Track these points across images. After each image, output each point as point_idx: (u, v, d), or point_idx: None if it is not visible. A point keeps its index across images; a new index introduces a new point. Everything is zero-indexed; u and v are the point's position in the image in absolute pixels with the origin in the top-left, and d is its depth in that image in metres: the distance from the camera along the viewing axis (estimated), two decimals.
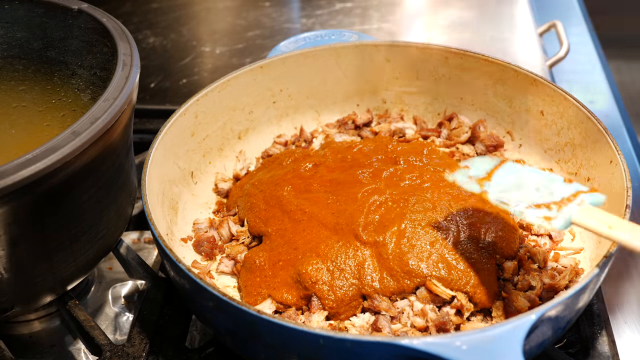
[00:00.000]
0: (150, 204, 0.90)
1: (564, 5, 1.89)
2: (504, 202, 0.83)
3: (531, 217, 0.80)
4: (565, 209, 0.79)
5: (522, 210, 0.81)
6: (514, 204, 0.82)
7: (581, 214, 0.78)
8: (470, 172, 0.89)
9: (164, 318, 0.98)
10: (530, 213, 0.81)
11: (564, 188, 0.82)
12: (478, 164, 0.90)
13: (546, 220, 0.79)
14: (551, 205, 0.80)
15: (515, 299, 0.87)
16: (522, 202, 0.82)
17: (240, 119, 1.19)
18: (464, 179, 0.88)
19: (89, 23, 0.99)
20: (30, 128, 1.00)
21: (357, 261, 0.91)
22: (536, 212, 0.80)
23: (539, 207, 0.80)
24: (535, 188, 0.83)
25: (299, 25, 1.78)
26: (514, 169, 0.88)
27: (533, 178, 0.85)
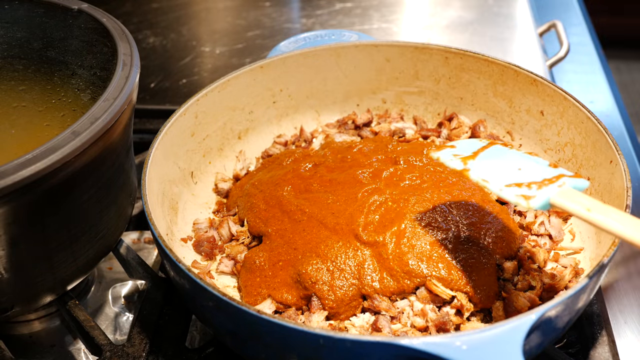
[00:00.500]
0: (150, 204, 0.90)
1: (564, 5, 1.89)
2: (483, 179, 0.82)
3: (509, 195, 0.79)
4: (545, 189, 0.77)
5: (501, 187, 0.80)
6: (494, 182, 0.81)
7: (561, 196, 0.77)
8: (456, 151, 0.88)
9: (164, 318, 0.98)
10: (508, 191, 0.79)
11: (548, 170, 0.81)
12: (465, 144, 0.89)
13: (524, 199, 0.77)
14: (531, 185, 0.79)
15: (515, 299, 0.87)
16: (501, 181, 0.81)
17: (240, 119, 1.19)
18: (447, 156, 0.87)
19: (89, 23, 0.99)
20: (30, 128, 1.00)
21: (357, 261, 0.91)
22: (515, 191, 0.79)
23: (519, 186, 0.79)
24: (518, 168, 0.82)
25: (299, 25, 1.78)
26: (500, 151, 0.86)
27: (518, 159, 0.84)
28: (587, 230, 0.98)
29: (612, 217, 0.73)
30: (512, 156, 0.85)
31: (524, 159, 0.84)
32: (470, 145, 0.89)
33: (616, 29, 3.68)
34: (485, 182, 0.81)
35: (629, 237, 0.70)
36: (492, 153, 0.87)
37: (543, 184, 0.78)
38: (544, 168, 0.81)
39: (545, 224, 1.00)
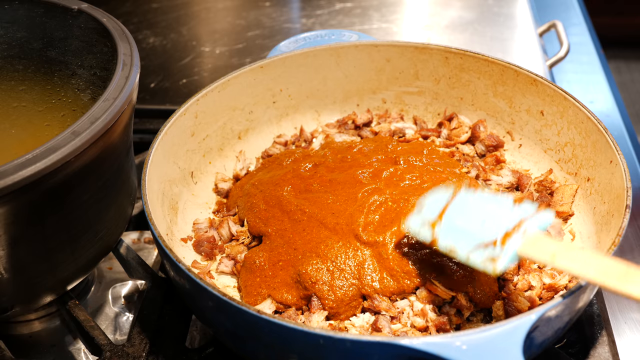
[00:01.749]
0: (150, 204, 0.90)
1: (564, 5, 1.89)
2: (450, 249, 0.82)
3: (476, 263, 0.79)
4: (509, 244, 0.78)
5: (467, 255, 0.80)
6: (460, 248, 0.81)
7: (525, 246, 0.77)
8: (424, 215, 0.87)
9: (164, 318, 0.98)
10: (475, 257, 0.80)
11: (511, 216, 0.80)
12: (431, 202, 0.88)
13: (491, 262, 0.78)
14: (495, 243, 0.78)
15: (515, 299, 0.87)
16: (467, 244, 0.81)
17: (240, 119, 1.19)
18: (417, 227, 0.87)
19: (89, 23, 0.99)
20: (30, 128, 1.00)
21: (357, 261, 0.91)
22: (481, 255, 0.79)
23: (485, 247, 0.79)
24: (482, 221, 0.81)
25: (299, 25, 1.78)
26: (464, 203, 0.86)
27: (482, 209, 0.83)
28: (587, 230, 0.98)
29: (577, 260, 0.72)
30: (476, 206, 0.84)
31: (487, 207, 0.83)
32: (436, 202, 0.87)
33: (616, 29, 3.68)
34: (452, 251, 0.82)
35: (593, 280, 0.70)
36: (456, 208, 0.85)
37: (506, 239, 0.78)
38: (507, 214, 0.81)
39: None
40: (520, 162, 1.15)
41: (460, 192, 0.87)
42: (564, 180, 1.07)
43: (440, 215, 0.85)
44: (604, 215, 0.94)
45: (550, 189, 1.06)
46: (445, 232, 0.84)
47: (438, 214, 0.86)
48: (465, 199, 0.86)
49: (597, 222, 0.96)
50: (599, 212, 0.96)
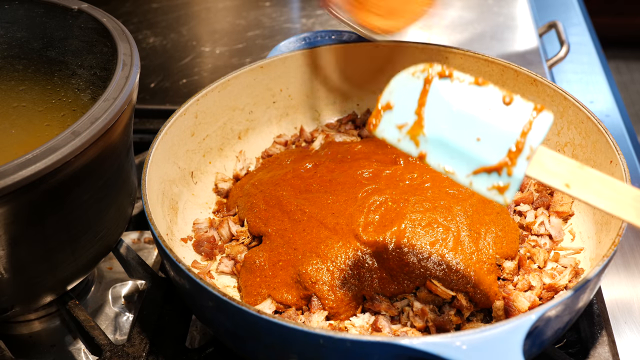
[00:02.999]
0: (150, 204, 0.90)
1: (564, 5, 1.89)
2: (446, 169, 0.73)
3: (481, 189, 0.71)
4: (516, 170, 0.69)
5: (471, 180, 0.71)
6: (459, 172, 0.72)
7: (535, 170, 0.69)
8: (396, 118, 0.75)
9: (164, 318, 0.98)
10: (479, 184, 0.71)
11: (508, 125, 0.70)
12: (401, 96, 0.75)
13: (499, 192, 0.70)
14: (501, 168, 0.70)
15: (515, 299, 0.87)
16: (467, 168, 0.71)
17: (240, 119, 1.19)
18: (393, 133, 0.75)
19: (89, 23, 0.99)
20: (30, 128, 1.00)
21: (357, 261, 0.91)
22: (486, 182, 0.71)
23: (488, 172, 0.70)
24: (476, 136, 0.71)
25: (299, 25, 1.78)
26: (444, 103, 0.73)
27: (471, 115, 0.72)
28: (587, 230, 0.98)
29: (594, 189, 0.67)
30: (462, 109, 0.72)
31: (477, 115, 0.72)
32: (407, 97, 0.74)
33: (616, 29, 3.68)
34: (450, 174, 0.73)
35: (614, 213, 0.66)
36: (437, 110, 0.73)
37: (511, 161, 0.69)
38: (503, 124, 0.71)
39: (545, 224, 1.00)
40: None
41: (433, 83, 0.74)
42: None
43: (420, 121, 0.74)
44: (603, 215, 0.94)
45: (550, 189, 1.06)
46: (435, 148, 0.73)
47: (415, 116, 0.74)
48: (444, 95, 0.73)
49: (597, 222, 0.96)
50: (599, 212, 0.96)
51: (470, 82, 0.73)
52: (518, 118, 0.71)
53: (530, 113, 0.70)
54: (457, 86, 0.73)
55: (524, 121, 0.70)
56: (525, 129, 0.70)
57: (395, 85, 0.76)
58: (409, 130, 0.74)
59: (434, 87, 0.74)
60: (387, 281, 0.89)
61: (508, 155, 0.70)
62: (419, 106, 0.74)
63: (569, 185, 0.68)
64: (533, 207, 1.04)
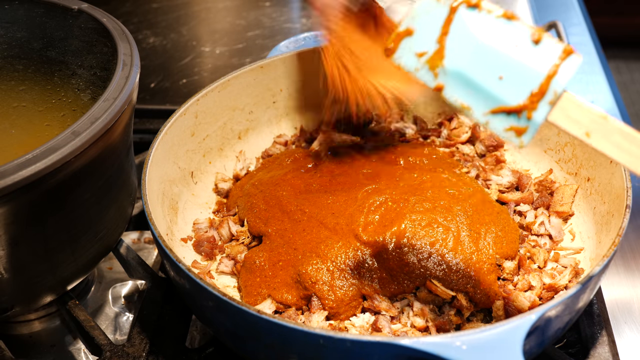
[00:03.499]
0: (150, 204, 0.90)
1: (564, 5, 1.89)
2: (463, 104, 0.70)
3: (498, 130, 0.69)
4: (536, 115, 0.67)
5: (488, 119, 0.69)
6: (476, 108, 0.69)
7: (556, 115, 0.67)
8: (416, 45, 0.71)
9: (164, 318, 0.98)
10: (496, 124, 0.69)
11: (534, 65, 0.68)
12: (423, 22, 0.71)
13: (516, 135, 0.68)
14: (521, 110, 0.68)
15: (515, 299, 0.87)
16: (485, 105, 0.69)
17: (240, 119, 1.19)
18: (411, 60, 0.71)
19: (89, 23, 0.99)
20: (30, 128, 1.00)
21: (357, 261, 0.91)
22: (503, 122, 0.68)
23: (507, 112, 0.68)
24: (499, 74, 0.68)
25: (299, 25, 1.78)
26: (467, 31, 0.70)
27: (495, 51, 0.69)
28: (587, 230, 0.98)
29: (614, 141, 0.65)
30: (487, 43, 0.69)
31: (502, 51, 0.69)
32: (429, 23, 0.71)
33: (616, 29, 3.68)
34: (467, 109, 0.70)
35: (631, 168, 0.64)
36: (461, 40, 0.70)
37: (533, 104, 0.67)
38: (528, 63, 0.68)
39: (545, 224, 1.00)
40: (520, 162, 1.15)
41: (459, 12, 0.70)
42: (564, 180, 1.07)
43: (441, 50, 0.70)
44: (604, 215, 0.94)
45: (550, 189, 1.06)
46: (454, 81, 0.70)
47: (436, 45, 0.70)
48: (469, 26, 0.70)
49: (597, 222, 0.96)
50: (599, 212, 0.96)
51: (498, 15, 0.70)
52: (545, 59, 0.68)
53: (558, 55, 0.67)
54: (484, 17, 0.70)
55: (550, 63, 0.67)
56: (552, 71, 0.67)
57: (419, 9, 0.72)
58: (428, 59, 0.71)
59: (459, 15, 0.70)
60: (387, 281, 0.89)
61: (530, 97, 0.68)
62: (442, 35, 0.70)
63: (589, 134, 0.66)
64: (533, 207, 1.04)
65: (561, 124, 0.67)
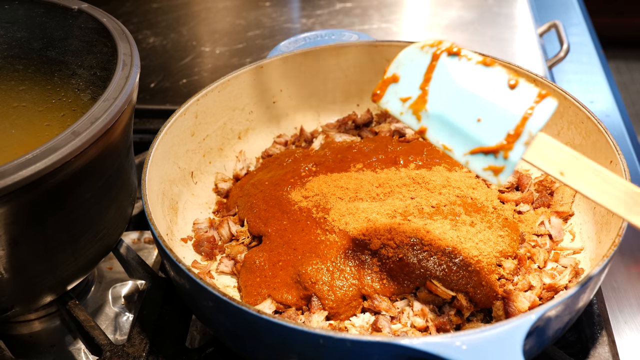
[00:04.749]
0: (150, 204, 0.90)
1: (564, 5, 1.89)
2: (445, 146, 0.74)
3: (477, 169, 0.72)
4: (512, 154, 0.70)
5: (467, 159, 0.73)
6: (456, 150, 0.73)
7: (532, 155, 0.70)
8: (401, 91, 0.76)
9: (164, 318, 0.98)
10: (475, 164, 0.72)
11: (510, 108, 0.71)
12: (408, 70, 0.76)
13: (493, 174, 0.71)
14: (498, 151, 0.71)
15: (515, 299, 0.87)
16: (464, 146, 0.72)
17: (240, 119, 1.19)
18: (396, 105, 0.76)
19: (89, 23, 0.99)
20: (30, 128, 1.00)
21: (357, 261, 0.91)
22: (482, 162, 0.72)
23: (485, 153, 0.71)
24: (478, 119, 0.72)
25: (299, 25, 1.78)
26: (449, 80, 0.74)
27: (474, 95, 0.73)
28: (587, 230, 0.98)
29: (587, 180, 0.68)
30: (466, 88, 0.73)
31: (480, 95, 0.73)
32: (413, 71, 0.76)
33: (616, 29, 3.68)
34: (448, 151, 0.74)
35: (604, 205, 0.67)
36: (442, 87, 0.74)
37: (509, 145, 0.70)
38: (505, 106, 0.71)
39: (545, 224, 1.00)
40: (520, 162, 1.15)
41: (441, 60, 0.75)
42: None
43: (423, 96, 0.74)
44: (604, 215, 0.94)
45: (550, 189, 1.06)
46: (436, 124, 0.74)
47: (419, 91, 0.75)
48: (450, 71, 0.74)
49: (597, 222, 0.96)
50: (599, 212, 0.96)
51: (477, 62, 0.74)
52: (521, 102, 0.71)
53: (533, 99, 0.71)
54: (464, 64, 0.74)
55: (526, 106, 0.71)
56: (527, 114, 0.70)
57: (403, 58, 0.77)
58: (412, 104, 0.75)
59: (441, 63, 0.74)
60: (387, 281, 0.89)
61: (506, 138, 0.71)
62: (425, 81, 0.75)
63: (563, 173, 0.69)
64: (533, 207, 1.04)
65: (536, 163, 0.71)
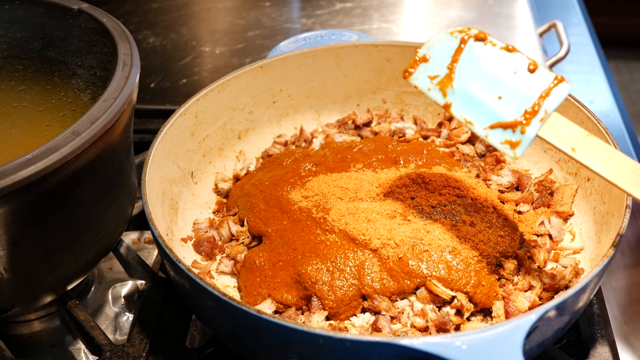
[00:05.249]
0: (150, 204, 0.90)
1: (564, 5, 1.89)
2: (466, 119, 0.83)
3: (495, 142, 0.81)
4: (529, 129, 0.79)
5: (487, 133, 0.81)
6: (477, 122, 0.82)
7: (546, 131, 0.79)
8: (430, 69, 0.85)
9: (164, 318, 0.98)
10: (494, 137, 0.81)
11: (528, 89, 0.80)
12: (437, 51, 0.85)
13: (510, 147, 0.80)
14: (516, 125, 0.80)
15: (515, 299, 0.87)
16: (485, 121, 0.81)
17: (240, 119, 1.19)
18: (425, 82, 0.85)
19: (89, 23, 0.99)
20: (30, 128, 1.00)
21: (357, 261, 0.91)
22: (500, 136, 0.80)
23: (504, 128, 0.80)
24: (499, 94, 0.81)
25: (299, 25, 1.78)
26: (475, 61, 0.83)
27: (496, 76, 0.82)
28: (587, 230, 0.98)
29: (597, 157, 0.75)
30: (490, 69, 0.83)
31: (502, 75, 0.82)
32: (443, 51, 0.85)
33: (616, 29, 3.68)
34: (469, 124, 0.82)
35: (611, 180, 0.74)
36: (468, 67, 0.83)
37: (526, 121, 0.79)
38: (524, 86, 0.81)
39: (545, 224, 1.00)
40: (520, 162, 1.15)
41: (469, 43, 0.84)
42: (564, 180, 1.07)
43: (450, 74, 0.84)
44: (604, 215, 0.94)
45: (550, 189, 1.06)
46: (460, 100, 0.83)
47: (447, 70, 0.84)
48: (476, 54, 0.84)
49: (597, 222, 0.96)
50: (599, 212, 0.96)
51: (501, 47, 0.83)
52: (538, 84, 0.80)
53: (550, 81, 0.81)
54: (489, 49, 0.83)
55: (543, 87, 0.80)
56: (544, 94, 0.80)
57: (434, 41, 0.86)
58: (439, 82, 0.84)
59: (468, 46, 0.84)
60: (387, 281, 0.89)
61: (524, 115, 0.80)
62: (452, 62, 0.84)
63: (575, 149, 0.77)
64: (533, 207, 1.04)
65: (550, 139, 0.79)
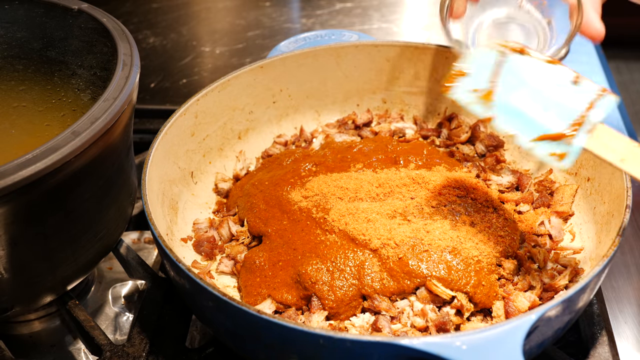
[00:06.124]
0: (150, 204, 0.90)
1: None
2: (512, 135, 0.80)
3: (541, 154, 0.79)
4: (576, 142, 0.77)
5: (532, 145, 0.79)
6: (522, 134, 0.80)
7: (593, 143, 0.77)
8: (471, 83, 0.83)
9: (164, 318, 0.98)
10: (539, 149, 0.79)
11: (574, 100, 0.78)
12: (478, 67, 0.83)
13: (557, 159, 0.78)
14: (561, 137, 0.78)
15: (515, 299, 0.87)
16: (530, 133, 0.79)
17: (240, 119, 1.19)
18: (466, 95, 0.83)
19: (89, 23, 0.99)
20: (30, 128, 1.00)
21: (357, 261, 0.91)
22: (547, 148, 0.78)
23: (550, 140, 0.78)
24: (544, 106, 0.79)
25: (299, 25, 1.78)
26: (517, 74, 0.82)
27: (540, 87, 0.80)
28: (587, 230, 0.98)
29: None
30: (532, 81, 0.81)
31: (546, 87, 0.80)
32: (483, 66, 0.83)
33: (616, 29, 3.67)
34: (515, 137, 0.80)
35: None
36: (510, 80, 0.82)
37: (573, 133, 0.77)
38: (569, 98, 0.79)
39: (545, 224, 1.00)
40: (520, 162, 1.15)
41: (509, 55, 0.83)
42: (564, 180, 1.07)
43: (492, 88, 0.82)
44: (604, 215, 0.94)
45: (550, 189, 1.06)
46: (503, 113, 0.81)
47: (488, 84, 0.82)
48: (518, 67, 0.82)
49: (597, 222, 0.96)
50: (599, 212, 0.96)
51: (542, 59, 0.82)
52: (584, 96, 0.79)
53: (596, 93, 0.78)
54: (531, 61, 0.82)
55: (588, 99, 0.78)
56: (589, 105, 0.78)
57: (474, 55, 0.85)
58: (480, 95, 0.82)
59: (509, 59, 0.83)
60: (387, 281, 0.89)
61: (570, 127, 0.78)
62: (493, 75, 0.82)
63: (624, 160, 0.75)
64: (533, 207, 1.04)
65: (597, 151, 0.77)
